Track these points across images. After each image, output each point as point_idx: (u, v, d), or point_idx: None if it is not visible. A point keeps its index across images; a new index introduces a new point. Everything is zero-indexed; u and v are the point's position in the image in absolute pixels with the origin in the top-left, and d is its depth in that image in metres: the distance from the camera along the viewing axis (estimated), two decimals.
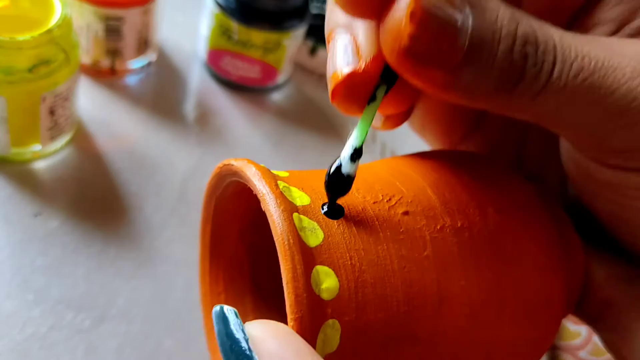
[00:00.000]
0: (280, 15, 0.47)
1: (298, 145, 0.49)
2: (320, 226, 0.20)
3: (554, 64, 0.20)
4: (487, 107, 0.22)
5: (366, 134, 0.22)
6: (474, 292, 0.22)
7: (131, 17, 0.45)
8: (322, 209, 0.21)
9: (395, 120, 0.25)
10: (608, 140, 0.21)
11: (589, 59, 0.21)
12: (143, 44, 0.48)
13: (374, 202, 0.22)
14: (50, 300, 0.36)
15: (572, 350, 0.39)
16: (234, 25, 0.47)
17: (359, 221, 0.21)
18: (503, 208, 0.24)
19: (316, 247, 0.20)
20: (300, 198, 0.21)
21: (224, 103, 0.51)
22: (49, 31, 0.36)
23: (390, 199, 0.22)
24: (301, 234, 0.20)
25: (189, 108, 0.49)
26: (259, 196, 0.21)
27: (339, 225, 0.21)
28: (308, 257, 0.20)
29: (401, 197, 0.22)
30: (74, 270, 0.38)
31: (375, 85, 0.22)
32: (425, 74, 0.20)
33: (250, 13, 0.47)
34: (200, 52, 0.52)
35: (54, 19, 0.37)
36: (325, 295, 0.19)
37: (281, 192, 0.21)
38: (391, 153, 0.51)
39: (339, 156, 0.21)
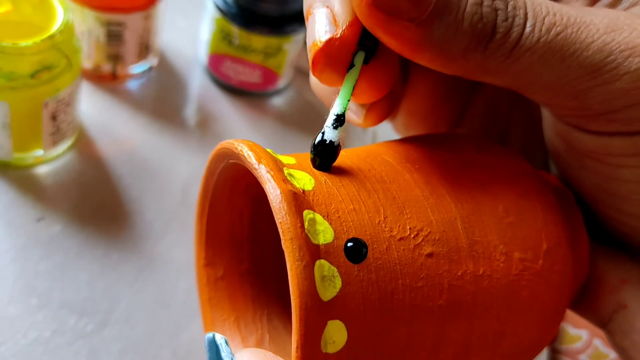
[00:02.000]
0: (281, 19, 0.48)
1: (299, 150, 0.49)
2: (340, 272, 0.19)
3: (525, 18, 0.20)
4: (463, 70, 0.21)
5: (348, 102, 0.22)
6: (474, 337, 0.22)
7: (132, 22, 0.45)
8: (346, 246, 0.20)
9: (376, 115, 0.25)
10: (586, 100, 0.21)
11: (560, 15, 0.21)
12: (144, 49, 0.48)
13: (400, 239, 0.21)
14: (54, 305, 0.36)
15: (572, 354, 0.39)
16: (235, 30, 0.47)
17: (380, 266, 0.20)
18: (528, 253, 0.23)
19: (332, 299, 0.19)
20: (324, 233, 0.20)
21: (225, 108, 0.51)
22: (51, 37, 0.36)
23: (417, 234, 0.21)
24: (319, 287, 0.19)
25: (190, 113, 0.50)
26: (280, 230, 0.19)
27: (359, 270, 0.20)
28: (322, 314, 0.19)
29: (429, 232, 0.21)
30: (77, 275, 0.38)
31: (354, 53, 0.22)
32: (395, 28, 0.20)
33: (251, 18, 0.47)
34: (201, 57, 0.52)
35: (56, 25, 0.37)
36: (331, 349, 0.19)
37: (306, 235, 0.19)
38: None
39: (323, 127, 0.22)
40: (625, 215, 0.25)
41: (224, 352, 0.20)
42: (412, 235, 0.21)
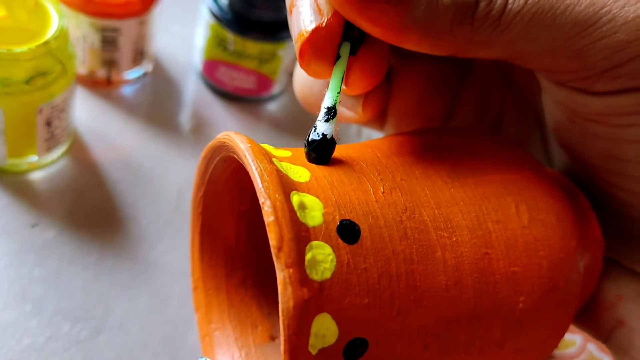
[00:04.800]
0: (276, 25, 0.48)
1: None
2: None
3: None
4: (454, 47, 0.21)
5: (338, 94, 0.22)
6: None
7: (127, 28, 0.45)
8: (346, 347, 0.19)
9: (373, 104, 0.25)
10: (588, 59, 0.20)
11: None
12: (139, 55, 0.48)
13: (405, 336, 0.20)
14: (48, 311, 0.36)
15: (566, 359, 0.39)
16: (230, 36, 0.48)
17: None
18: (529, 349, 0.22)
19: None
20: (327, 338, 0.18)
21: (220, 113, 0.51)
22: (46, 43, 0.36)
23: (426, 334, 0.20)
24: None
25: (185, 118, 0.50)
26: (282, 344, 0.18)
27: None
28: None
29: (436, 331, 0.20)
30: (71, 281, 0.38)
31: (339, 44, 0.22)
32: (373, 12, 0.20)
33: (246, 24, 0.47)
34: (195, 63, 0.52)
35: (51, 31, 0.37)
36: None
37: (308, 351, 0.18)
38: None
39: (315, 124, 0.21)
40: (633, 180, 0.23)
41: None
42: (419, 335, 0.20)
